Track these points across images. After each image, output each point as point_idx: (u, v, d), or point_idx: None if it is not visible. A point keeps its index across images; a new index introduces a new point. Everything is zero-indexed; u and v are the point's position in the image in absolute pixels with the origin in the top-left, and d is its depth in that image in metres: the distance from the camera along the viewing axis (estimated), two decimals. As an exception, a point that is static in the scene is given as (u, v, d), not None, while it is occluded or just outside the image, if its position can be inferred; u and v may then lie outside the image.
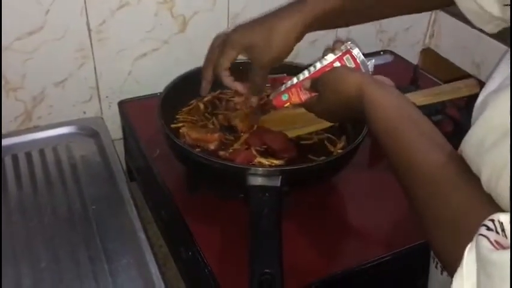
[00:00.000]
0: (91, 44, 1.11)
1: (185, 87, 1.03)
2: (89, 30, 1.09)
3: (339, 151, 0.95)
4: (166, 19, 1.16)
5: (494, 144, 0.43)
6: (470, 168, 0.47)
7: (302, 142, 0.98)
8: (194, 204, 0.92)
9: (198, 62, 1.17)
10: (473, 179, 0.46)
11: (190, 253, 0.85)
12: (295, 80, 0.82)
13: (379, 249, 0.84)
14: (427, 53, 1.59)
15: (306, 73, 0.81)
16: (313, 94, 0.79)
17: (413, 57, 1.57)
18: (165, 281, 0.77)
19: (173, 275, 1.02)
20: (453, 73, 1.43)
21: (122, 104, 1.18)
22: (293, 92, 0.82)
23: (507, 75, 0.49)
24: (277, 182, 0.78)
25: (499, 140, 0.43)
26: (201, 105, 1.06)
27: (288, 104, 0.83)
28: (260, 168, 0.82)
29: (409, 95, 0.92)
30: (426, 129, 0.57)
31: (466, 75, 1.42)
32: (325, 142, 0.99)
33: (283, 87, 0.83)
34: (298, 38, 0.76)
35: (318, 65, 0.79)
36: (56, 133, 1.06)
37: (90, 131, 1.07)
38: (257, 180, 0.78)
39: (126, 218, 0.89)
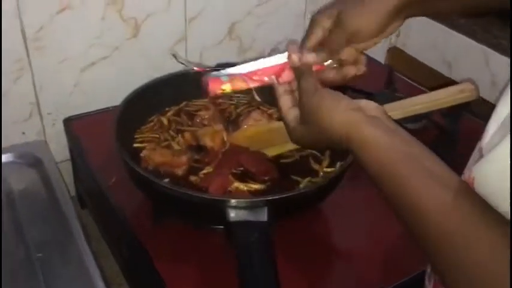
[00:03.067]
0: (27, 53, 0.95)
1: (144, 101, 0.90)
2: (25, 37, 0.93)
3: (326, 170, 0.84)
4: (115, 23, 1.02)
5: None
6: (485, 201, 0.42)
7: (282, 161, 0.86)
8: (161, 238, 0.79)
9: (154, 69, 1.06)
10: (493, 215, 0.41)
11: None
12: (242, 70, 0.67)
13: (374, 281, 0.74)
14: (394, 52, 1.51)
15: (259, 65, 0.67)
16: (264, 80, 0.65)
17: (380, 57, 1.48)
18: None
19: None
20: (423, 73, 1.35)
21: (67, 122, 1.03)
22: (239, 78, 0.66)
23: None
24: (263, 216, 0.66)
25: None
26: (164, 121, 0.92)
27: (227, 86, 0.66)
28: (242, 200, 0.69)
29: (401, 103, 0.81)
30: (427, 165, 0.48)
31: (437, 75, 1.35)
32: (310, 160, 0.87)
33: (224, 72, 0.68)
34: (391, 15, 0.63)
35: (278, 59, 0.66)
36: (-11, 163, 0.89)
37: (31, 159, 0.91)
38: (239, 215, 0.66)
39: (78, 261, 0.74)
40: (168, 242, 0.79)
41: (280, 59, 0.66)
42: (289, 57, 0.64)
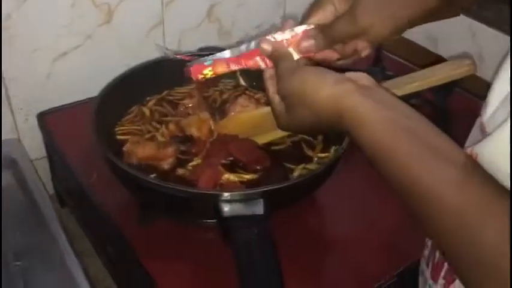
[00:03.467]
0: (-5, 44, 0.88)
1: (123, 91, 0.84)
2: (-9, 27, 0.87)
3: (320, 155, 0.80)
4: (86, 9, 0.96)
5: None
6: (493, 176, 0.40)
7: (273, 148, 0.82)
8: (149, 235, 0.74)
9: (131, 57, 1.00)
10: (504, 191, 0.38)
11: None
12: (227, 55, 0.61)
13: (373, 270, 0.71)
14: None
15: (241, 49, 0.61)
16: (249, 64, 0.60)
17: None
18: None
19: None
20: (409, 49, 1.31)
21: (41, 117, 0.97)
22: (222, 62, 0.61)
23: None
24: (259, 208, 0.62)
25: None
26: (146, 112, 0.87)
27: (209, 70, 0.60)
28: (236, 192, 0.64)
29: (395, 82, 0.78)
30: (430, 141, 0.44)
31: (423, 51, 1.32)
32: (302, 145, 0.83)
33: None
34: (411, 23, 0.57)
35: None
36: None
37: (5, 159, 0.84)
38: (234, 209, 0.61)
39: (62, 265, 0.69)
40: (156, 239, 0.74)
41: None
42: (261, 43, 0.57)
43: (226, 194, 0.64)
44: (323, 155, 0.81)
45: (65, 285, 0.68)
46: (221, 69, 0.60)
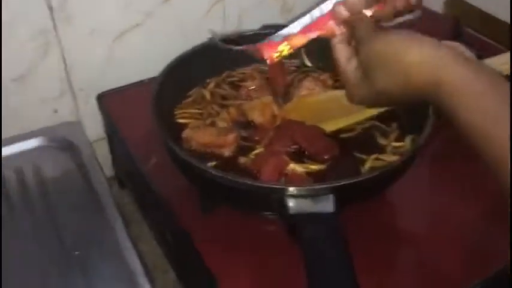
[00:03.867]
0: (54, 25, 0.86)
1: (182, 72, 0.80)
2: (50, 7, 0.84)
3: (394, 144, 0.73)
4: (146, -14, 0.92)
5: None
6: None
7: (342, 135, 0.75)
8: (209, 226, 0.70)
9: (191, 37, 0.94)
10: None
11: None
12: (294, 29, 0.56)
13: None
14: (453, 3, 1.34)
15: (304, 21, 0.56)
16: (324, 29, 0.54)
17: (437, 9, 1.33)
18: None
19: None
20: (487, 24, 1.19)
21: (101, 98, 0.95)
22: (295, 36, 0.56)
23: None
24: (329, 206, 0.56)
25: None
26: (207, 94, 0.82)
27: (285, 46, 0.55)
28: (304, 188, 0.59)
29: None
30: None
31: (505, 27, 1.19)
32: (374, 133, 0.76)
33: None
34: None
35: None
36: (19, 149, 0.81)
37: (64, 142, 0.83)
38: (301, 206, 0.56)
39: (118, 256, 0.66)
40: (216, 230, 0.70)
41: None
42: (335, 7, 0.53)
43: (292, 189, 0.59)
44: (398, 144, 0.74)
45: (122, 274, 0.65)
46: (298, 41, 0.54)
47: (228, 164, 0.71)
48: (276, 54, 0.55)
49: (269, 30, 0.87)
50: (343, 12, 0.52)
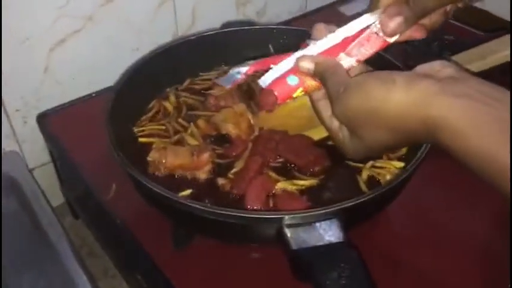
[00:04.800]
0: (-22, 35, 0.73)
1: (139, 82, 0.69)
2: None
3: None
4: (84, -15, 0.80)
5: None
6: None
7: (331, 143, 0.66)
8: (185, 260, 0.60)
9: (138, 40, 0.87)
10: None
11: None
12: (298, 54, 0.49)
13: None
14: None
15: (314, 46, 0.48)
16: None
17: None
18: None
19: None
20: (462, 11, 1.14)
21: (42, 118, 0.82)
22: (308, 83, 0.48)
23: None
24: (339, 234, 0.47)
25: None
26: (169, 107, 0.71)
27: (300, 90, 0.47)
28: (303, 214, 0.49)
29: (477, 51, 0.62)
30: None
31: (467, 9, 1.14)
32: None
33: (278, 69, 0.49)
34: None
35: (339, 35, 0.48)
36: None
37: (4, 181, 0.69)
38: (301, 238, 0.47)
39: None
40: (193, 264, 0.61)
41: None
42: (298, 62, 0.47)
43: (287, 217, 0.49)
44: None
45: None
46: (313, 87, 0.47)
47: (205, 189, 0.61)
48: (289, 100, 0.48)
49: (230, 29, 0.79)
50: (307, 65, 0.46)
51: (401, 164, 0.63)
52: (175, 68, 0.75)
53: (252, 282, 0.58)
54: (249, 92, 0.72)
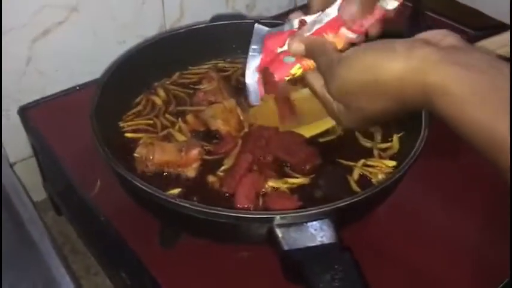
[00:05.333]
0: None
1: (127, 75, 0.67)
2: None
3: (381, 146, 0.64)
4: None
5: None
6: None
7: (321, 140, 0.66)
8: (172, 259, 0.59)
9: (125, 32, 0.85)
10: None
11: None
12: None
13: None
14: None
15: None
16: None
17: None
18: None
19: None
20: (442, 5, 1.13)
21: (24, 111, 0.80)
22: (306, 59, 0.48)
23: None
24: (331, 234, 0.46)
25: None
26: (157, 101, 0.70)
27: (298, 66, 0.47)
28: (294, 214, 0.48)
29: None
30: None
31: (458, 6, 1.14)
32: (356, 134, 0.66)
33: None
34: None
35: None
36: None
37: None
38: (293, 238, 0.45)
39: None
40: (180, 263, 0.59)
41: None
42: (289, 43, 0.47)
43: (278, 217, 0.48)
44: (384, 145, 0.65)
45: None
46: (311, 62, 0.47)
47: (193, 187, 0.59)
48: (288, 78, 0.48)
49: (220, 22, 0.77)
50: (298, 47, 0.47)
51: (393, 163, 0.62)
52: (163, 61, 0.73)
53: (240, 282, 0.57)
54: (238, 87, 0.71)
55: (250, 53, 0.50)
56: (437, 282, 0.57)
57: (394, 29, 0.52)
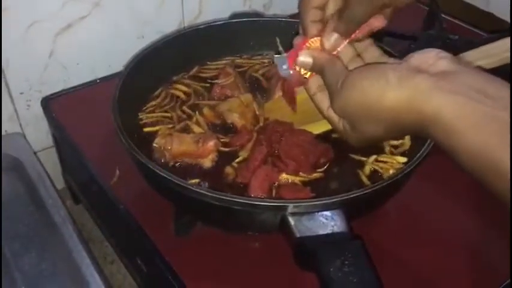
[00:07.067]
0: (-14, 18, 0.73)
1: (146, 69, 0.69)
2: (-21, -2, 0.71)
3: (393, 143, 0.66)
4: (93, -29, 0.80)
5: None
6: None
7: (334, 135, 0.67)
8: (187, 247, 0.61)
9: (145, 27, 0.87)
10: None
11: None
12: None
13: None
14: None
15: None
16: None
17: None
18: None
19: None
20: (456, 8, 1.14)
21: (46, 102, 0.82)
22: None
23: None
24: (342, 224, 0.47)
25: None
26: (178, 93, 0.72)
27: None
28: (308, 203, 0.50)
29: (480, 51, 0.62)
30: None
31: (472, 10, 1.15)
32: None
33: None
34: None
35: None
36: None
37: (6, 159, 0.69)
38: (305, 226, 0.47)
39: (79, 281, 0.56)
40: (195, 251, 0.61)
41: None
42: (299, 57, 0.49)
43: (291, 206, 0.50)
44: (396, 142, 0.66)
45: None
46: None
47: (208, 178, 0.62)
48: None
49: (239, 19, 0.79)
50: (306, 60, 0.48)
51: (404, 159, 0.63)
52: (182, 56, 0.75)
53: (253, 269, 0.58)
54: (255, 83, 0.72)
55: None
56: (438, 282, 0.58)
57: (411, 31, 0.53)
